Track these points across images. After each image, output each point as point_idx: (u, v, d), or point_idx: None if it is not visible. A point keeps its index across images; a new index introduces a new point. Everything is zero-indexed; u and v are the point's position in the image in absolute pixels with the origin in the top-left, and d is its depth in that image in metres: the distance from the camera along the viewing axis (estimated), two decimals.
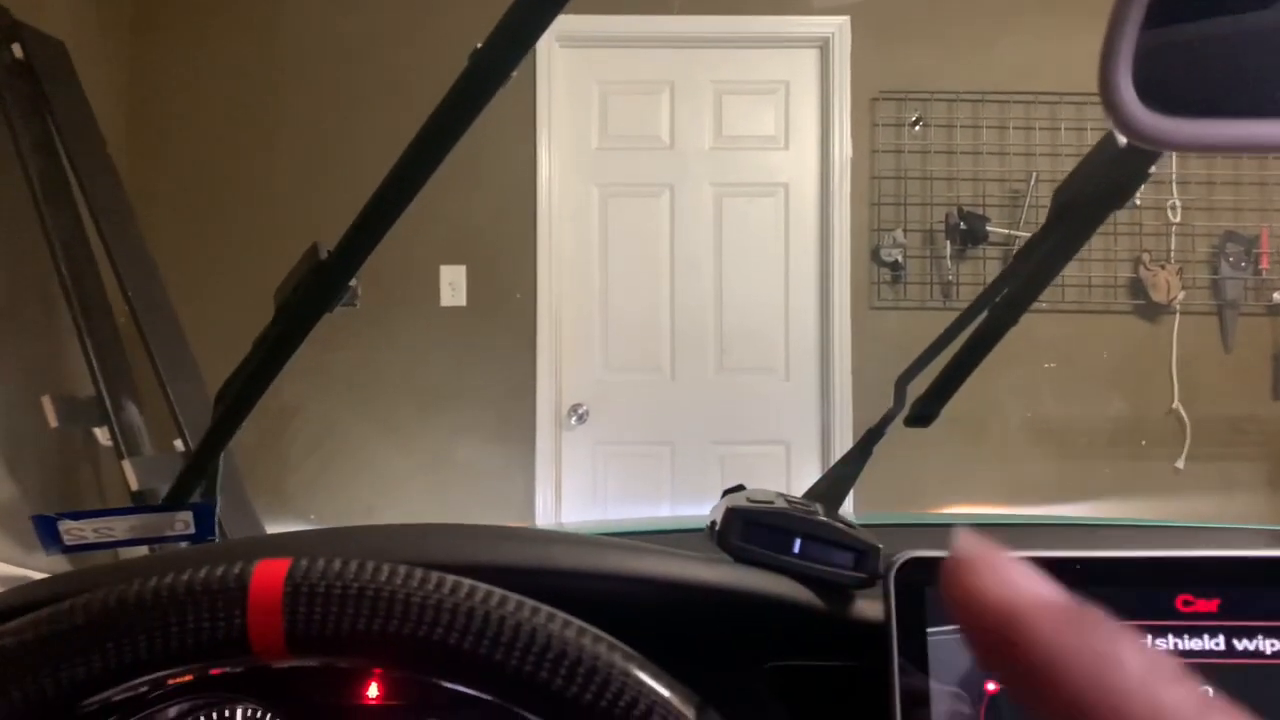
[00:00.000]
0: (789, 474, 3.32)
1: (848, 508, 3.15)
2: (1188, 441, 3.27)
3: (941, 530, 1.07)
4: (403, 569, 0.38)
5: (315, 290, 0.62)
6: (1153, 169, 0.59)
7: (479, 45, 0.49)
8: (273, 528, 2.77)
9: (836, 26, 3.30)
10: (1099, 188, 0.60)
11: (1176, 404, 3.27)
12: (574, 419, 3.34)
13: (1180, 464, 3.27)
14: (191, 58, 3.31)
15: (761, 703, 0.59)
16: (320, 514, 3.26)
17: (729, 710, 0.61)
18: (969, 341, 0.72)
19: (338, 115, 3.28)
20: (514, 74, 0.50)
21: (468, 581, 0.38)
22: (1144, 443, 3.29)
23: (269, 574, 0.38)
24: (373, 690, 0.59)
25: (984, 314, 0.70)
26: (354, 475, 3.30)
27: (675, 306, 3.36)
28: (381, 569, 0.38)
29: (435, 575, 0.38)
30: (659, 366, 3.37)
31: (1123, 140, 0.50)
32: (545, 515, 3.32)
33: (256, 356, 0.67)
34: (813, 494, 0.84)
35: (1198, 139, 0.41)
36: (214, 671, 0.56)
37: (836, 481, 0.88)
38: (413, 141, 0.54)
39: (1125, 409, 3.28)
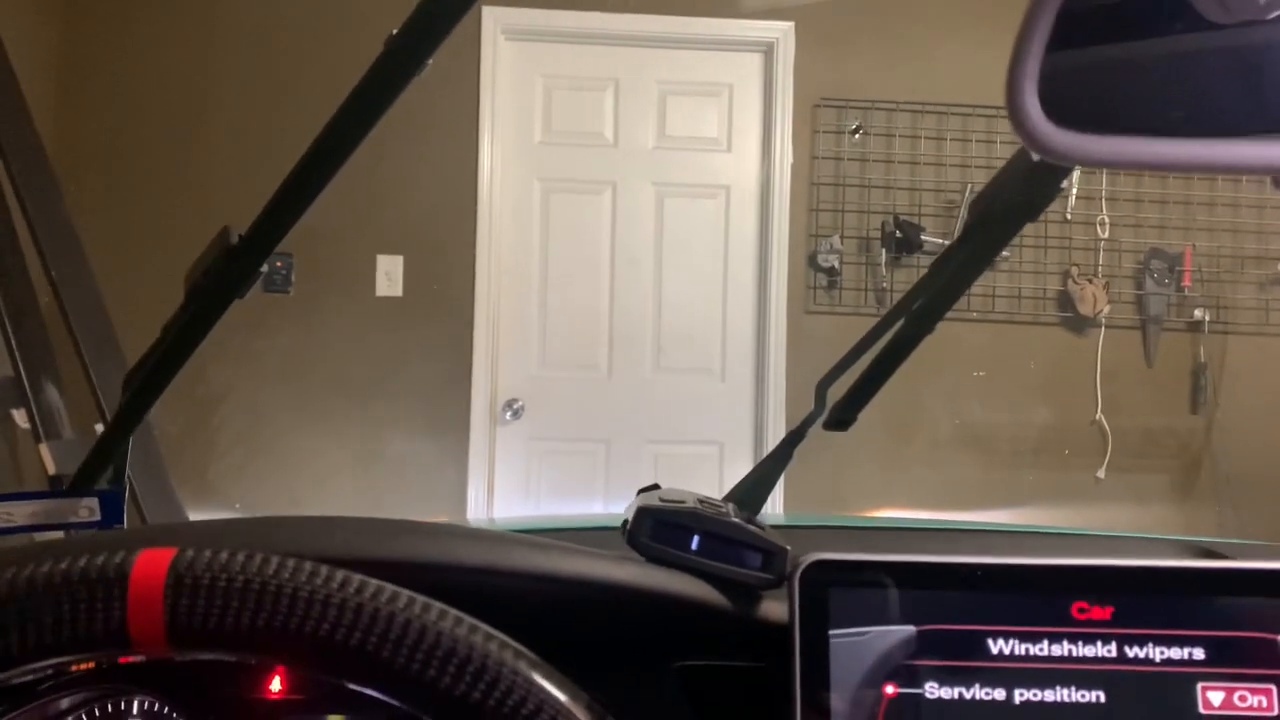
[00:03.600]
0: (722, 474, 3.34)
1: (777, 508, 3.19)
2: (1109, 452, 3.35)
3: (861, 533, 1.08)
4: (291, 562, 0.38)
5: (225, 275, 0.60)
6: (1064, 184, 0.60)
7: (394, 32, 0.49)
8: (197, 516, 2.71)
9: (781, 32, 3.32)
10: (1012, 201, 0.61)
11: (1099, 415, 3.35)
12: (509, 414, 3.33)
13: (1101, 473, 3.36)
14: (125, 32, 3.23)
15: (669, 701, 0.59)
16: (246, 503, 3.20)
17: (637, 708, 0.61)
18: (886, 348, 0.72)
19: (271, 95, 3.22)
20: (429, 62, 0.49)
21: (357, 576, 0.38)
22: (1067, 452, 3.36)
23: (151, 564, 0.37)
24: (275, 684, 0.58)
25: (901, 321, 0.71)
26: (282, 465, 3.24)
27: (614, 304, 3.36)
28: (269, 561, 0.37)
29: (324, 569, 0.38)
30: (596, 364, 3.37)
31: (1035, 155, 0.51)
32: (477, 510, 3.30)
33: (165, 341, 0.66)
34: (733, 495, 0.84)
35: (1099, 155, 0.42)
36: (123, 660, 0.55)
37: (757, 483, 0.89)
38: (325, 129, 0.53)
39: (1050, 418, 3.36)
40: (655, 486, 0.68)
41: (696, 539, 0.57)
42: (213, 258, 0.61)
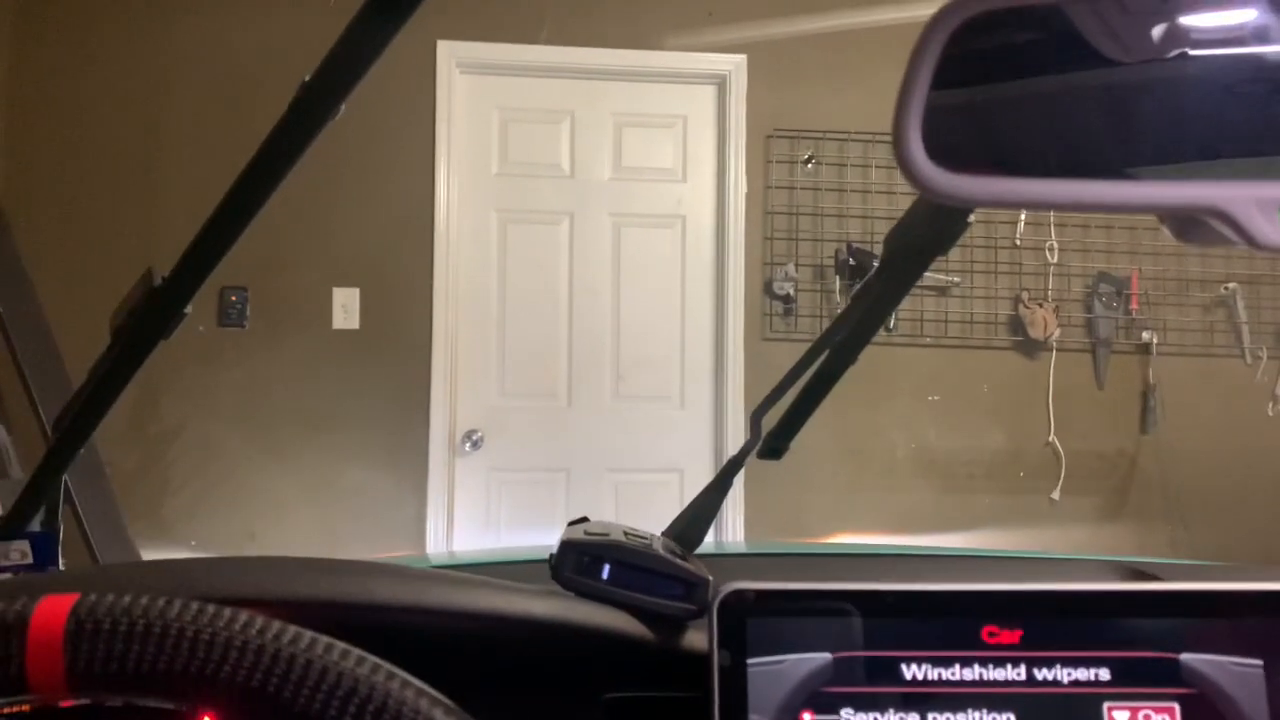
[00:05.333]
0: (682, 502, 3.31)
1: (738, 535, 3.19)
2: (1063, 473, 3.40)
3: (801, 560, 1.09)
4: (194, 605, 0.38)
5: (150, 317, 0.61)
6: (971, 218, 0.62)
7: (306, 78, 0.50)
8: (150, 555, 2.67)
9: (734, 65, 3.37)
10: (924, 235, 0.63)
11: (1053, 437, 3.40)
12: (468, 445, 3.32)
13: (1056, 495, 3.40)
14: (77, 65, 3.21)
15: None
16: (201, 540, 3.16)
17: None
18: (812, 379, 0.74)
19: (225, 128, 3.20)
20: (343, 108, 0.50)
21: (259, 618, 0.38)
22: (1022, 474, 3.40)
23: (52, 610, 0.37)
24: None
25: (826, 353, 0.72)
26: (238, 500, 3.21)
27: (573, 334, 3.37)
28: (171, 605, 0.38)
29: (227, 612, 0.38)
30: (555, 393, 3.37)
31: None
32: (436, 543, 3.28)
33: (92, 383, 0.66)
34: (674, 527, 0.85)
35: (982, 195, 0.44)
36: (64, 704, 0.54)
37: (698, 514, 0.89)
38: (242, 173, 0.54)
39: (1004, 441, 3.40)
40: (584, 519, 0.69)
41: (617, 571, 0.58)
42: (137, 299, 0.61)
